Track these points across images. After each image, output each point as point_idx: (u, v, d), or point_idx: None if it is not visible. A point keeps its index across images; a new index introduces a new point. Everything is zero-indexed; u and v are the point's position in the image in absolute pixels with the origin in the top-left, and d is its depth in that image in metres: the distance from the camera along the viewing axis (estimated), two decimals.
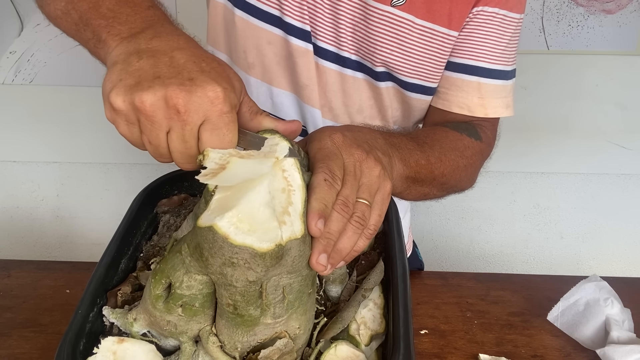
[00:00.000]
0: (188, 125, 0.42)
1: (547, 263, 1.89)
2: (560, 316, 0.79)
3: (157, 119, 0.42)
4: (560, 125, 1.70)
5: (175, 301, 0.44)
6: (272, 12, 0.77)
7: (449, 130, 0.77)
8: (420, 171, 0.65)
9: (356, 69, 0.80)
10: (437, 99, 0.82)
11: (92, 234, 1.87)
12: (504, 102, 0.81)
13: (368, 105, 0.84)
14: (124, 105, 0.43)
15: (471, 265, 1.89)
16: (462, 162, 0.75)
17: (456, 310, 0.83)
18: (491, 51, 0.77)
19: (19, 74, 1.65)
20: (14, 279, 0.89)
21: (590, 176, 1.77)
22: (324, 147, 0.50)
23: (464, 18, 0.75)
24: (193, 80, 0.42)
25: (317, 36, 0.77)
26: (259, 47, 0.80)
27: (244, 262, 0.39)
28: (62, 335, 0.45)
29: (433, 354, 0.74)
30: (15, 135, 1.74)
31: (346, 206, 0.46)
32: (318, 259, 0.44)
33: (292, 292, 0.44)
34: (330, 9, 0.75)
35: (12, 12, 1.60)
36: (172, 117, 0.42)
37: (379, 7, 0.73)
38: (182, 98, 0.41)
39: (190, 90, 0.42)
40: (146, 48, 0.45)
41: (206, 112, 0.42)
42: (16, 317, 0.79)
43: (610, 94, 1.66)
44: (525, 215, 1.84)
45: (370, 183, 0.49)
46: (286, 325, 0.45)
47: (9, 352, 0.72)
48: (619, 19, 1.57)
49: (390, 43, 0.75)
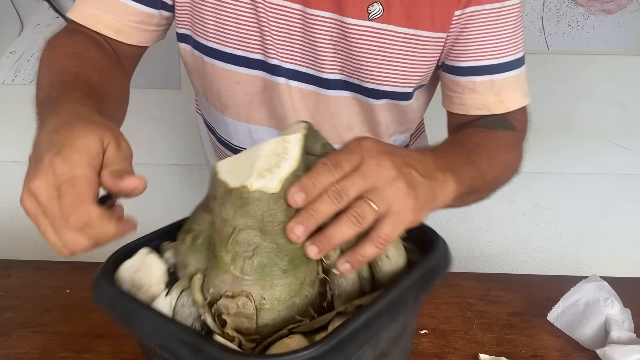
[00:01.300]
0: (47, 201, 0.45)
1: (547, 263, 1.89)
2: (560, 316, 0.79)
3: (31, 208, 0.47)
4: (560, 125, 1.70)
5: (187, 233, 0.51)
6: (235, 52, 0.76)
7: (485, 131, 0.75)
8: (474, 184, 0.63)
9: (341, 88, 0.78)
10: (451, 104, 0.81)
11: None
12: (521, 92, 0.79)
13: (357, 122, 0.82)
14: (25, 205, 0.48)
15: (471, 265, 1.89)
16: (509, 158, 0.74)
17: (456, 310, 0.83)
18: (497, 46, 0.76)
19: (19, 74, 1.65)
20: (14, 279, 0.89)
21: (590, 176, 1.77)
22: (345, 145, 0.49)
23: (449, 18, 0.73)
24: (41, 161, 0.46)
25: (296, 62, 0.76)
26: (229, 88, 0.80)
27: (220, 197, 0.45)
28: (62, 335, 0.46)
29: (433, 354, 0.74)
30: (15, 135, 1.73)
31: (339, 194, 0.45)
32: (293, 227, 0.45)
33: (261, 254, 0.45)
34: (302, 35, 0.74)
35: (12, 12, 1.60)
36: (36, 201, 0.46)
37: (357, 24, 0.72)
38: (35, 182, 0.46)
39: (38, 171, 0.46)
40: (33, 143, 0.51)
41: (54, 182, 0.45)
42: (16, 317, 0.79)
43: (610, 94, 1.66)
44: (525, 215, 1.84)
45: (384, 190, 0.47)
46: (251, 288, 0.46)
47: (9, 352, 0.72)
48: (619, 19, 1.57)
49: (375, 57, 0.74)
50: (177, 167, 1.77)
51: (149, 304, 0.47)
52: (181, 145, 1.74)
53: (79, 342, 0.74)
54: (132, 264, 0.51)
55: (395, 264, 0.50)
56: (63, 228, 0.45)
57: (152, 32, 0.79)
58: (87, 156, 0.46)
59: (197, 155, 1.76)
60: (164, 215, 2.06)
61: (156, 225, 0.61)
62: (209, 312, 0.47)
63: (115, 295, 0.46)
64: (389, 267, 0.50)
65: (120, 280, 0.50)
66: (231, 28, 0.75)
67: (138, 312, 0.45)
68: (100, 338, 0.75)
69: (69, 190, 0.44)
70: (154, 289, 0.50)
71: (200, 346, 0.40)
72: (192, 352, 0.40)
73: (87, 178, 0.45)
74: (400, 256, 0.51)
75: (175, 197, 1.76)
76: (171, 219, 0.56)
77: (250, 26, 0.74)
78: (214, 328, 0.47)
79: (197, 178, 1.77)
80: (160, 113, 1.70)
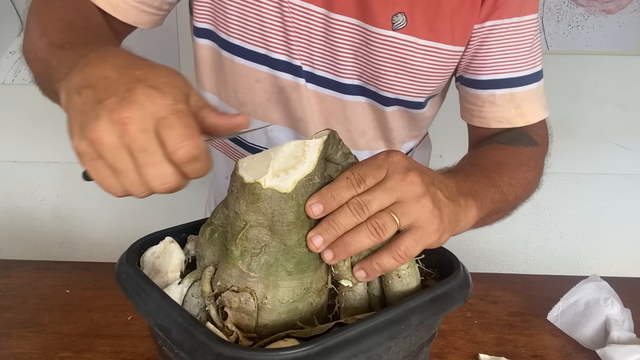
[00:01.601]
0: (141, 133, 0.41)
1: (547, 263, 1.89)
2: (560, 316, 0.79)
3: (112, 141, 0.41)
4: (560, 125, 1.69)
5: (207, 226, 0.53)
6: (257, 50, 0.76)
7: (506, 147, 0.75)
8: (495, 206, 0.63)
9: (358, 93, 0.79)
10: (472, 117, 0.81)
11: (92, 234, 1.87)
12: (540, 105, 0.80)
13: (371, 128, 0.83)
14: (83, 146, 0.42)
15: (471, 265, 1.87)
16: (530, 175, 0.73)
17: (456, 310, 0.82)
18: (516, 60, 0.76)
19: (19, 74, 1.66)
20: (14, 279, 0.89)
21: (590, 176, 1.77)
22: (371, 158, 0.48)
23: (468, 32, 0.74)
24: (131, 91, 0.41)
25: (314, 65, 0.77)
26: (248, 85, 0.79)
27: (236, 191, 0.46)
28: (62, 335, 0.46)
29: (433, 354, 0.74)
30: (15, 135, 1.74)
31: (360, 207, 0.46)
32: (313, 237, 0.46)
33: (269, 253, 0.46)
34: (323, 39, 0.74)
35: (12, 12, 1.60)
36: (123, 133, 0.41)
37: (381, 33, 0.72)
38: (125, 111, 0.40)
39: (130, 101, 0.41)
40: (81, 81, 0.44)
41: (153, 113, 0.41)
42: (16, 317, 0.79)
43: (610, 94, 1.66)
44: (525, 215, 1.84)
45: (409, 205, 0.46)
46: (255, 286, 0.47)
47: (9, 352, 0.72)
48: (619, 19, 1.57)
49: (395, 67, 0.74)
50: None
51: (158, 287, 0.48)
52: None
53: (79, 342, 0.74)
54: (156, 250, 0.55)
55: (407, 284, 0.50)
56: (158, 162, 0.41)
57: (150, 15, 0.75)
58: (184, 94, 0.44)
59: None
60: (164, 215, 2.07)
61: (156, 225, 0.61)
62: (213, 304, 0.48)
63: (131, 274, 0.50)
64: (400, 287, 0.50)
65: (144, 263, 0.54)
66: (255, 25, 0.75)
67: (146, 291, 0.47)
68: (100, 338, 0.75)
69: (177, 121, 0.41)
70: (170, 276, 0.53)
71: (192, 330, 0.42)
72: (184, 334, 0.42)
73: (190, 113, 0.43)
74: (413, 278, 0.50)
75: (175, 197, 1.76)
76: (171, 218, 0.57)
77: (275, 25, 0.74)
78: (215, 320, 0.47)
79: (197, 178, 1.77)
80: None
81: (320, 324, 0.48)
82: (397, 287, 0.50)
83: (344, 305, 0.51)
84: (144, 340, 0.74)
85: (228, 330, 0.46)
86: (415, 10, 0.72)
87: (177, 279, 0.53)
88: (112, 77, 0.43)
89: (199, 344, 0.41)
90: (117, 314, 0.80)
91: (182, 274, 0.54)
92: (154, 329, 0.46)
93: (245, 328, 0.47)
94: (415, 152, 0.94)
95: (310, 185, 0.46)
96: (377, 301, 0.52)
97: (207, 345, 0.40)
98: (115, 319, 0.79)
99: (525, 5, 0.75)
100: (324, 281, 0.50)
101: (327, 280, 0.50)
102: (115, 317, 0.80)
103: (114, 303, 0.82)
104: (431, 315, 0.47)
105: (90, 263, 0.95)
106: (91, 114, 0.41)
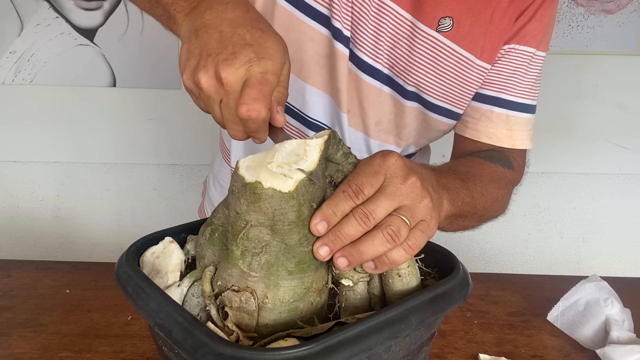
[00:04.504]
0: (231, 94, 0.49)
1: (547, 263, 1.89)
2: (560, 316, 0.79)
3: (210, 93, 0.50)
4: (560, 125, 1.70)
5: (207, 226, 0.53)
6: (321, 10, 0.76)
7: (484, 162, 0.78)
8: (464, 208, 0.65)
9: (385, 82, 0.80)
10: (465, 129, 0.83)
11: (92, 234, 1.87)
12: (528, 135, 0.83)
13: (387, 120, 0.84)
14: (190, 84, 0.52)
15: (471, 265, 1.89)
16: (500, 193, 0.76)
17: (456, 310, 0.83)
18: (520, 86, 0.80)
19: (19, 74, 1.66)
20: (14, 279, 0.89)
21: (590, 176, 1.78)
22: (367, 163, 0.49)
23: (496, 52, 0.77)
24: (235, 55, 0.49)
25: (355, 44, 0.78)
26: (300, 42, 0.79)
27: (237, 191, 0.47)
28: (62, 335, 0.46)
29: (433, 353, 0.74)
30: (15, 135, 1.74)
31: (366, 217, 0.46)
32: (319, 248, 0.47)
33: (269, 253, 0.46)
34: (374, 22, 0.76)
35: (12, 12, 1.60)
36: (219, 89, 0.49)
37: (425, 31, 0.74)
38: (225, 71, 0.48)
39: (231, 64, 0.48)
40: (201, 24, 0.52)
41: (244, 76, 0.49)
42: (16, 317, 0.79)
43: (610, 94, 1.66)
44: (525, 215, 1.84)
45: (415, 208, 0.48)
46: (256, 285, 0.47)
47: (9, 352, 0.72)
48: (619, 19, 1.57)
49: (427, 66, 0.76)
50: (177, 167, 1.77)
51: (158, 287, 0.48)
52: (181, 145, 1.74)
53: (79, 342, 0.74)
54: (155, 250, 0.56)
55: (407, 283, 0.50)
56: (233, 113, 0.50)
57: None
58: (279, 65, 0.51)
59: (197, 155, 1.76)
60: (164, 214, 2.07)
61: (156, 225, 0.61)
62: (214, 304, 0.48)
63: (130, 274, 0.50)
64: (400, 287, 0.50)
65: (144, 263, 0.54)
66: None
67: (146, 291, 0.47)
68: (100, 338, 0.75)
69: (256, 85, 0.48)
70: (170, 276, 0.53)
71: (192, 330, 0.42)
72: (184, 334, 0.42)
73: (273, 85, 0.50)
74: (413, 277, 0.50)
75: (175, 197, 1.76)
76: (171, 218, 0.57)
77: None
78: (216, 319, 0.47)
79: (197, 178, 1.77)
80: (160, 113, 1.70)
81: (320, 324, 0.48)
82: (398, 286, 0.50)
83: (344, 304, 0.51)
84: (144, 340, 0.75)
85: (228, 330, 0.46)
86: (463, 18, 0.74)
87: (176, 279, 0.53)
88: (226, 34, 0.51)
89: (199, 344, 0.41)
90: (117, 314, 0.80)
91: (182, 274, 0.54)
92: (154, 329, 0.46)
93: (245, 328, 0.47)
94: (415, 158, 0.95)
95: (311, 185, 0.46)
96: (378, 300, 0.52)
97: (208, 344, 0.40)
98: (115, 319, 0.79)
99: (543, 42, 0.79)
100: (324, 281, 0.50)
101: (327, 280, 0.51)
102: (115, 317, 0.80)
103: (114, 303, 0.83)
104: (431, 314, 0.47)
105: (90, 263, 0.95)
106: (202, 62, 0.50)
